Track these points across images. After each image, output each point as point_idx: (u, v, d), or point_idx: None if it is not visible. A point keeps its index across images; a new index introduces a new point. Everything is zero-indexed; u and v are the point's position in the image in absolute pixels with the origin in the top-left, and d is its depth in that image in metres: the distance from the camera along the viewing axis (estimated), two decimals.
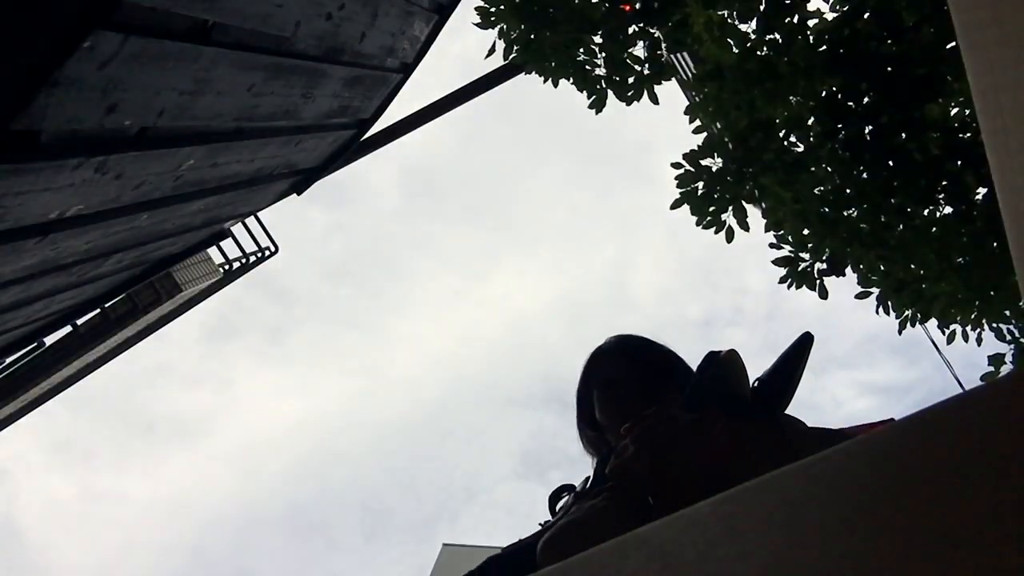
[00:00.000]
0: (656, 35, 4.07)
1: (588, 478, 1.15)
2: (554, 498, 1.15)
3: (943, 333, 4.57)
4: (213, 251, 8.67)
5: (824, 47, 3.71)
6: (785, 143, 4.06)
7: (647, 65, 4.12)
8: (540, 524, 1.10)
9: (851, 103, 3.74)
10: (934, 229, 4.14)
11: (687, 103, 4.35)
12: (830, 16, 4.02)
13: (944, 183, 3.83)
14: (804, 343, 1.08)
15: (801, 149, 4.10)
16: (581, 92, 4.31)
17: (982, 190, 3.86)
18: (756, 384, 1.07)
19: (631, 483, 0.93)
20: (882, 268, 4.31)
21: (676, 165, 4.15)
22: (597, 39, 4.14)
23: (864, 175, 3.94)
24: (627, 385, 1.22)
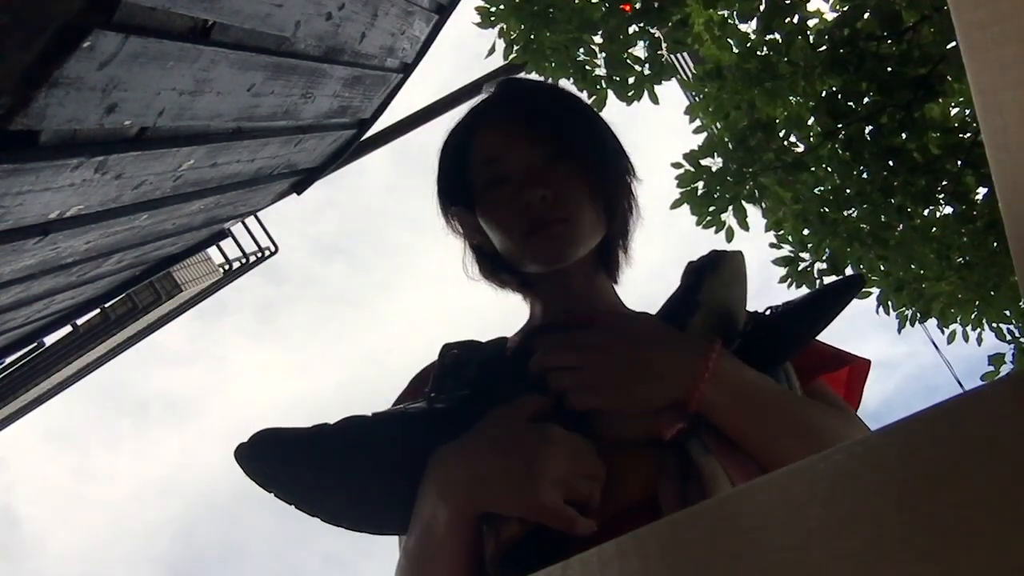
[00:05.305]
0: (656, 35, 4.07)
1: (491, 357, 0.81)
2: (448, 353, 0.82)
3: (943, 333, 4.57)
4: (213, 251, 8.68)
5: (824, 47, 3.71)
6: (785, 143, 4.06)
7: (647, 65, 4.12)
8: (427, 400, 0.77)
9: (851, 103, 3.74)
10: (934, 229, 4.14)
11: (687, 103, 4.35)
12: (830, 16, 4.02)
13: (944, 183, 3.83)
14: (850, 286, 0.79)
15: (801, 149, 4.10)
16: (581, 92, 4.31)
17: (982, 190, 3.86)
18: (767, 313, 0.79)
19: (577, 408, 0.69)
20: (882, 268, 4.31)
21: (676, 165, 4.15)
22: (597, 39, 4.14)
23: (864, 175, 3.94)
24: (524, 174, 0.85)
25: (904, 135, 3.74)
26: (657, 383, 0.68)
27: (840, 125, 3.78)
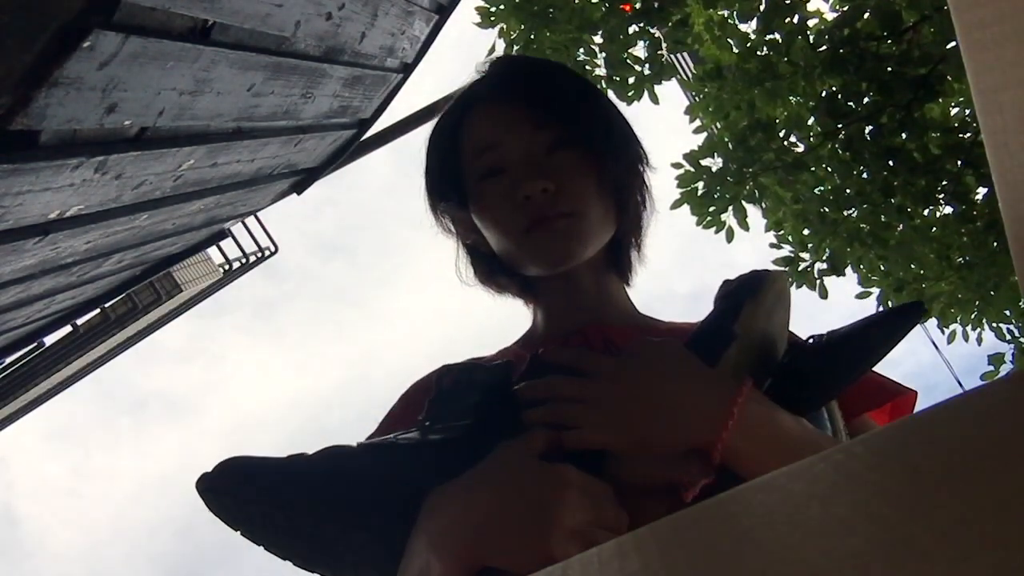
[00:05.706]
0: (656, 35, 4.07)
1: (491, 379, 0.68)
2: (445, 375, 0.71)
3: (943, 333, 4.58)
4: (213, 251, 8.68)
5: (824, 47, 3.71)
6: (785, 143, 4.06)
7: (647, 65, 4.12)
8: (421, 429, 0.65)
9: (851, 103, 3.74)
10: (934, 229, 4.15)
11: (687, 103, 4.36)
12: (830, 16, 4.03)
13: (944, 183, 3.84)
14: (909, 316, 0.67)
15: (801, 149, 4.10)
16: None
17: (982, 190, 3.86)
18: (811, 343, 0.67)
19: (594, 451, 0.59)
20: (882, 268, 4.31)
21: (676, 165, 4.15)
22: (597, 39, 4.14)
23: (864, 175, 3.94)
24: (523, 163, 0.75)
25: (904, 135, 3.74)
26: (672, 427, 0.58)
27: (840, 125, 3.78)
